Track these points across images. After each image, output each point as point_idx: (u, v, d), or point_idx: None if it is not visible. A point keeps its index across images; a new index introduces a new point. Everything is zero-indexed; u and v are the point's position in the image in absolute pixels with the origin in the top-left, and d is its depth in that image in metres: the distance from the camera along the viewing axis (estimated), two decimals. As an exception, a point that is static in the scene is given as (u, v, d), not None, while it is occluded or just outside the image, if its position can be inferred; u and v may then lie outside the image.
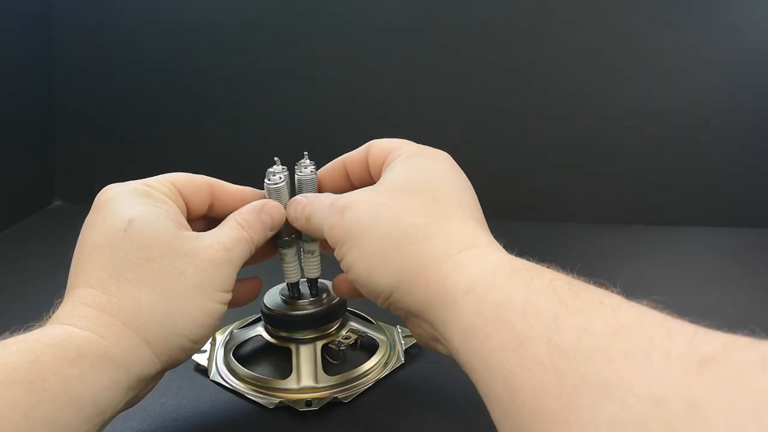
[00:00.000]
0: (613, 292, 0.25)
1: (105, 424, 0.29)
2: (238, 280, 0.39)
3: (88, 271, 0.30)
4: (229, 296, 0.33)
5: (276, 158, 0.39)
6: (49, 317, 0.30)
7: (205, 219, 0.38)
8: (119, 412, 0.30)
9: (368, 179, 0.38)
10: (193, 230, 0.37)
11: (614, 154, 0.69)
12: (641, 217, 0.69)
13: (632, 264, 0.60)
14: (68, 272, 0.32)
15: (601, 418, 0.19)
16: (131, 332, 0.29)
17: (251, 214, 0.35)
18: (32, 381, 0.25)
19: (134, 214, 0.31)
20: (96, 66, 0.79)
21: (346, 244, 0.32)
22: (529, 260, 0.29)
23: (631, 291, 0.25)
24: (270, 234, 0.37)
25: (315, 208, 0.35)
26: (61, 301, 0.30)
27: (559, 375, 0.21)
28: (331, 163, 0.39)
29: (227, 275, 0.32)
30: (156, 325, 0.30)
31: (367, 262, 0.31)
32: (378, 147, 0.37)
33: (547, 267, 0.28)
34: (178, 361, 0.32)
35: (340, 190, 0.38)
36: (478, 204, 0.34)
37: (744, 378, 0.18)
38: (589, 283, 0.26)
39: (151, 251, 0.30)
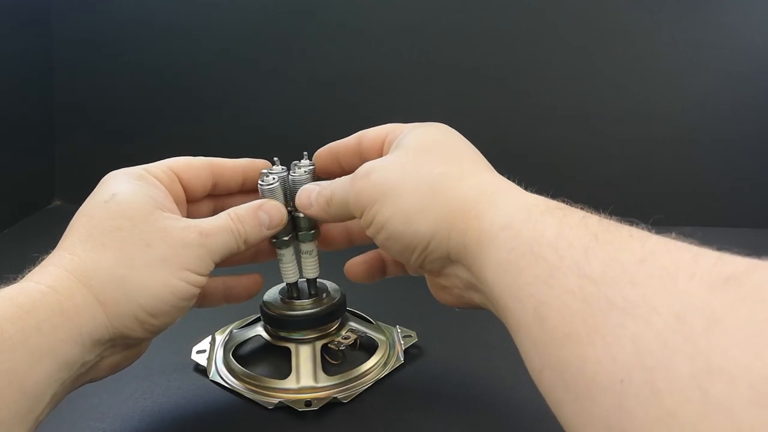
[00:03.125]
0: (643, 229, 0.25)
1: (65, 387, 0.29)
2: (238, 275, 0.40)
3: (65, 237, 0.32)
4: (200, 279, 0.33)
5: (276, 158, 0.39)
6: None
7: (212, 198, 0.39)
8: (78, 381, 0.30)
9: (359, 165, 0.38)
10: (199, 210, 0.39)
11: (614, 155, 0.69)
12: (641, 217, 0.68)
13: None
14: None
15: (624, 336, 0.20)
16: (85, 290, 0.29)
17: (246, 209, 0.36)
18: None
19: (118, 190, 0.33)
20: (96, 65, 0.79)
21: (377, 203, 0.32)
22: (565, 202, 0.29)
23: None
24: (267, 233, 0.37)
25: (334, 187, 0.36)
26: (33, 267, 0.31)
27: (587, 301, 0.22)
28: (322, 149, 0.40)
29: (198, 257, 0.32)
30: (111, 287, 0.30)
31: (404, 214, 0.31)
32: (372, 133, 0.38)
33: (581, 208, 0.28)
34: (133, 333, 0.31)
35: (333, 176, 0.39)
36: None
37: (763, 293, 0.18)
38: (620, 222, 0.26)
39: (124, 222, 0.31)
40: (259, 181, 0.38)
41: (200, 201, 0.39)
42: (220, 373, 0.42)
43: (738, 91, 0.65)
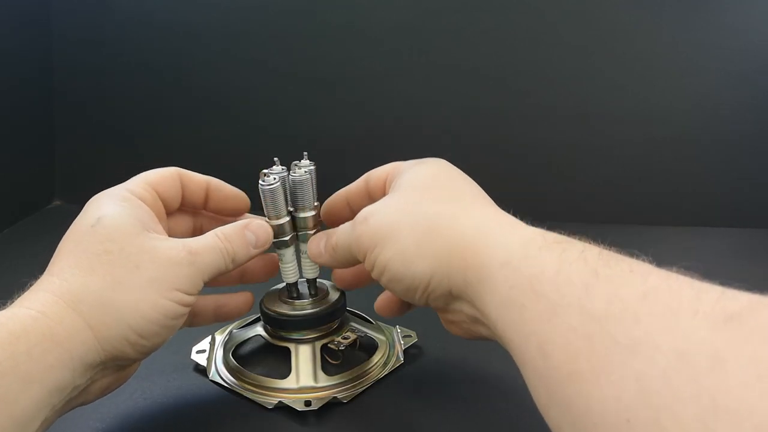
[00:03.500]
0: (644, 261, 0.25)
1: (55, 411, 0.29)
2: (229, 293, 0.40)
3: (54, 262, 0.32)
4: (189, 299, 0.33)
5: (276, 159, 0.39)
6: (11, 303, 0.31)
7: (187, 214, 0.40)
8: (69, 405, 0.30)
9: None
10: (178, 225, 0.39)
11: (614, 155, 0.69)
12: (641, 217, 0.69)
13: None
14: None
15: (629, 375, 0.20)
16: (75, 314, 0.29)
17: (233, 228, 0.36)
18: None
19: (104, 213, 0.33)
20: (96, 65, 0.79)
21: (377, 247, 0.33)
22: (560, 233, 0.29)
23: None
24: (255, 252, 0.36)
25: (338, 234, 0.36)
26: (22, 292, 0.31)
27: (590, 338, 0.22)
28: (332, 197, 0.40)
29: (187, 276, 0.32)
30: (100, 310, 0.30)
31: (403, 256, 0.32)
32: (376, 174, 0.39)
33: (579, 239, 0.28)
34: (124, 355, 0.31)
35: (344, 221, 0.39)
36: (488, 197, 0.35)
37: (766, 332, 0.18)
38: (620, 253, 0.26)
39: (112, 245, 0.31)
40: (260, 181, 0.38)
41: (175, 215, 0.39)
42: (219, 373, 0.42)
43: (738, 91, 0.65)
